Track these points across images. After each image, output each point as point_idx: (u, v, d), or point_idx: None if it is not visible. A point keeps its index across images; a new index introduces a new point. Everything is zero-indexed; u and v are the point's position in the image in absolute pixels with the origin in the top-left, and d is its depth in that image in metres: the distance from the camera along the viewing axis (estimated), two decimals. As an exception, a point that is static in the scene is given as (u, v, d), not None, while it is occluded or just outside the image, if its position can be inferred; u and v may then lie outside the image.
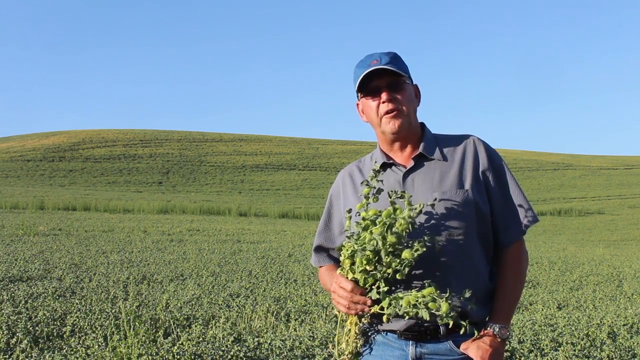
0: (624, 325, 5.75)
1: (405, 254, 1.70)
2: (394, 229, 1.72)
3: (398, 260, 1.71)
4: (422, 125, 2.03)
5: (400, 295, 1.73)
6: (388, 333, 1.88)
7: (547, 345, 4.80)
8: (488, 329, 1.83)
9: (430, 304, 1.67)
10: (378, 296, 1.76)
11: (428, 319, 1.68)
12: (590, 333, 5.33)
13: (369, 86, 1.92)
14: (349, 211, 1.87)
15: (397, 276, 1.72)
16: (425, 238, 1.74)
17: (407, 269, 1.72)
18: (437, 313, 1.67)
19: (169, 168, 61.96)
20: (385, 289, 1.74)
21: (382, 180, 1.88)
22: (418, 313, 1.69)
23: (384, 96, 1.90)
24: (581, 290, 8.73)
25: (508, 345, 4.74)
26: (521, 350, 4.66)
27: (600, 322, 5.83)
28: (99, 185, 50.76)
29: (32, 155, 63.76)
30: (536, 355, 4.56)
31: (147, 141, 75.77)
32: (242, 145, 79.23)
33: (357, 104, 2.03)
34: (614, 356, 4.70)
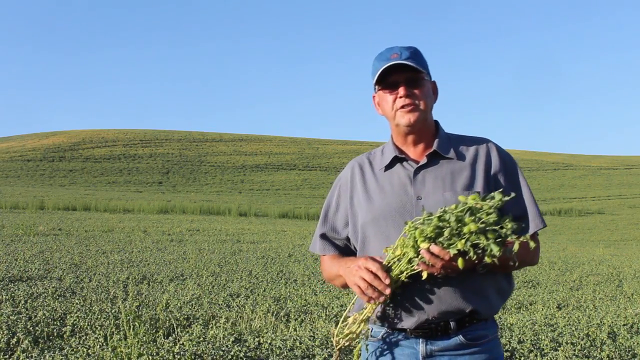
0: (624, 325, 5.75)
1: (471, 225, 1.65)
2: (479, 215, 1.66)
3: (459, 238, 1.66)
4: (436, 123, 2.02)
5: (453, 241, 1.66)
6: (398, 332, 1.87)
7: (547, 345, 4.80)
8: None
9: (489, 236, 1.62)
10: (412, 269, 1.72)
11: (497, 252, 1.63)
12: (590, 333, 5.32)
13: (387, 80, 1.91)
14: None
15: (451, 250, 1.66)
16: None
17: (468, 244, 1.65)
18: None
19: (169, 168, 61.95)
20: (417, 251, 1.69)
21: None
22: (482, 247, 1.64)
23: (401, 91, 1.89)
24: (581, 290, 8.73)
25: (508, 345, 4.74)
26: (521, 350, 4.66)
27: (600, 322, 5.83)
28: (99, 185, 50.75)
29: (32, 155, 63.76)
30: (536, 355, 4.56)
31: (147, 141, 75.76)
32: (242, 145, 79.22)
33: (374, 97, 2.01)
34: (614, 356, 4.70)
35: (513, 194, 1.74)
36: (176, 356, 4.04)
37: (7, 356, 4.12)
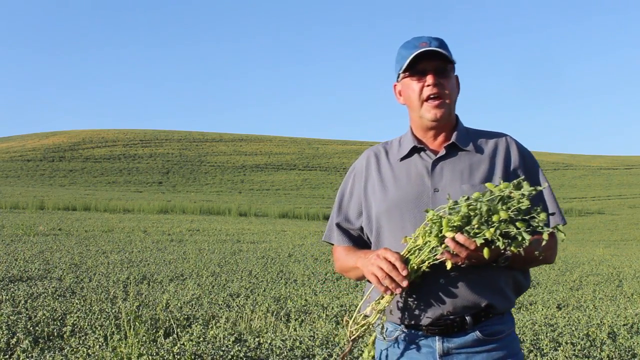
0: (624, 325, 5.75)
1: (502, 213, 1.61)
2: (509, 204, 1.64)
3: (486, 227, 1.63)
4: (456, 117, 2.00)
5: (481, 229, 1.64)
6: (413, 330, 1.84)
7: (547, 345, 4.80)
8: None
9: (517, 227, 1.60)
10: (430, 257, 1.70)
11: (528, 241, 1.61)
12: (590, 333, 5.33)
13: (415, 68, 1.88)
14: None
15: (477, 240, 1.63)
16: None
17: (497, 233, 1.62)
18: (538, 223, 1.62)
19: (169, 168, 61.98)
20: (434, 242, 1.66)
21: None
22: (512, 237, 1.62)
23: (429, 79, 1.86)
24: (581, 290, 8.73)
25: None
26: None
27: (600, 322, 5.83)
28: (99, 185, 50.77)
29: (32, 155, 63.79)
30: (536, 355, 4.56)
31: (147, 141, 75.79)
32: (242, 145, 79.25)
33: (395, 85, 1.98)
34: (614, 356, 4.70)
35: (545, 185, 1.76)
36: (176, 356, 4.04)
37: (7, 356, 4.12)
